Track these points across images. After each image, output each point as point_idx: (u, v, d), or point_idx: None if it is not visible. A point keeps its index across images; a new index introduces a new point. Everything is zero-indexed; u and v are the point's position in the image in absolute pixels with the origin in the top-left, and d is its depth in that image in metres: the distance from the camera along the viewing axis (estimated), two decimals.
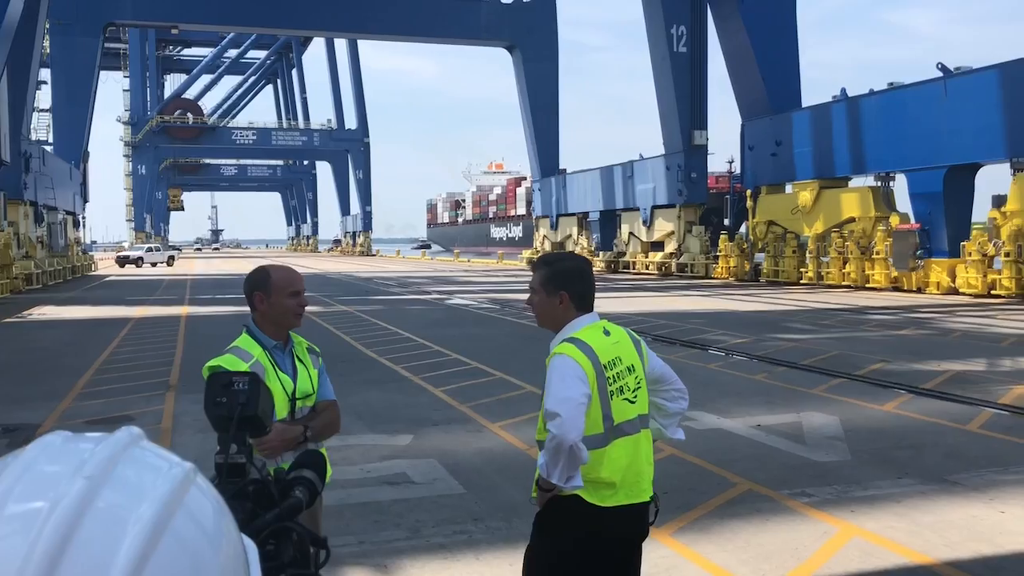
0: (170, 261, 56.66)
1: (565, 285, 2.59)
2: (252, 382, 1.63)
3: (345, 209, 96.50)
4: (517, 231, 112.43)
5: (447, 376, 10.56)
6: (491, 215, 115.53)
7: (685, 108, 35.25)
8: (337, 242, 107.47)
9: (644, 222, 38.95)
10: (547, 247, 50.31)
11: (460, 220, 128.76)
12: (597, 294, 2.71)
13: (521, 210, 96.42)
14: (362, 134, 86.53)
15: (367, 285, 32.68)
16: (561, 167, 49.55)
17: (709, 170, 37.89)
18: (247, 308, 2.83)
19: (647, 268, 38.76)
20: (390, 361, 12.15)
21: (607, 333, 2.58)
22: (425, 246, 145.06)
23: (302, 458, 1.51)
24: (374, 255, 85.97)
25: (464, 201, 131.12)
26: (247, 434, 1.54)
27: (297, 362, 2.74)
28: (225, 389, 1.60)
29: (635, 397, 2.57)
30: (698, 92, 35.27)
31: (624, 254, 41.13)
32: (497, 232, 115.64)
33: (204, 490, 0.76)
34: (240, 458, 1.41)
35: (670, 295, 26.00)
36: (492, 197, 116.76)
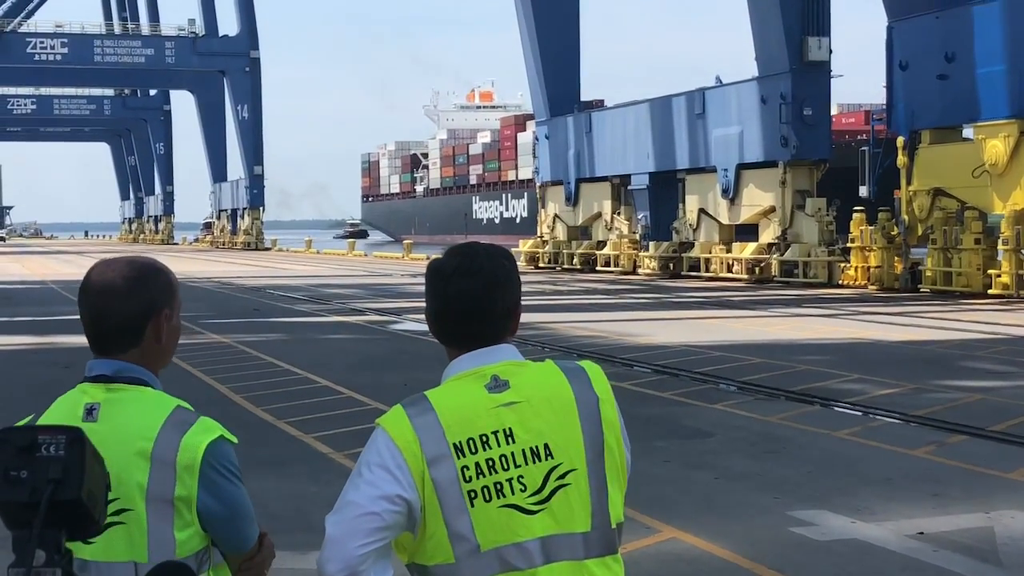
0: None
1: (429, 304, 2.62)
2: (72, 444, 1.62)
3: (219, 172, 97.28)
4: (519, 208, 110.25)
5: None
6: (474, 181, 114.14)
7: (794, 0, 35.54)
8: (208, 226, 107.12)
9: (725, 192, 39.20)
10: (560, 235, 50.69)
11: (420, 189, 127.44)
12: (643, 314, 2.71)
13: (527, 171, 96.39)
14: (247, 44, 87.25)
15: (256, 299, 32.77)
16: (585, 100, 50.03)
17: (834, 103, 37.95)
18: (49, 338, 2.85)
19: (730, 269, 38.97)
20: (296, 428, 12.21)
21: (497, 386, 2.52)
22: (358, 234, 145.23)
23: (159, 574, 1.47)
24: (268, 249, 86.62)
25: (427, 156, 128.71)
26: (63, 533, 1.53)
27: None
28: (24, 457, 1.59)
29: (539, 503, 2.49)
30: None
31: (691, 246, 41.37)
32: (485, 209, 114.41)
33: None
34: (52, 573, 1.37)
35: (769, 315, 26.16)
36: (476, 149, 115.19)
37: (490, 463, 2.47)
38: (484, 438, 2.48)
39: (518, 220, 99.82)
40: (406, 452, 2.45)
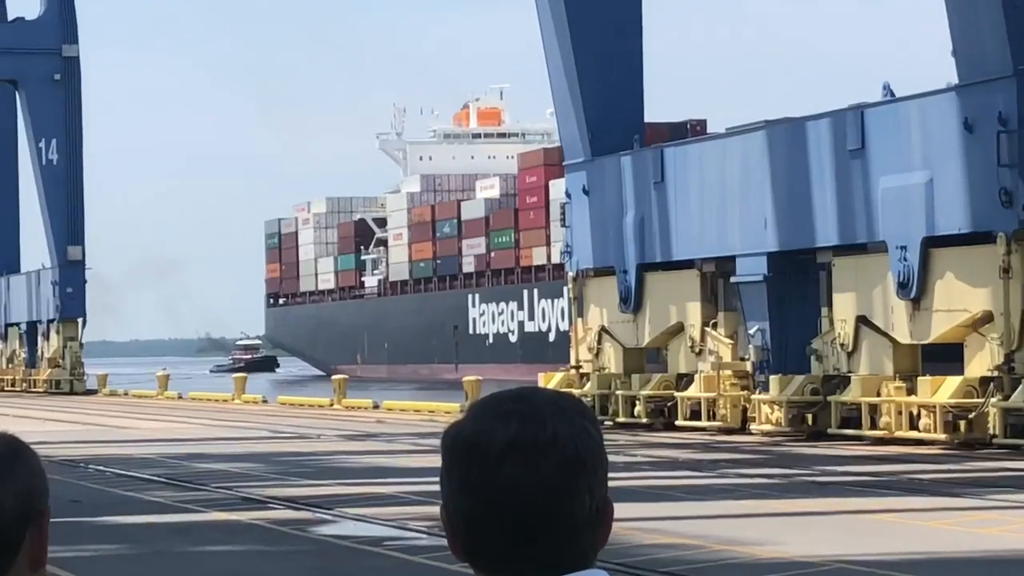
0: None
1: (454, 502, 2.67)
2: None
3: (6, 258, 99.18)
4: (553, 314, 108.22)
5: None
6: (471, 266, 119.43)
7: None
8: None
9: (903, 287, 39.19)
10: (611, 363, 50.59)
11: (373, 282, 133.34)
12: (762, 504, 2.69)
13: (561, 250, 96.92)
14: (58, 35, 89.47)
15: (75, 483, 32.59)
16: (653, 122, 51.26)
17: None
18: None
19: (915, 423, 38.75)
20: None
21: None
22: (259, 364, 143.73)
23: None
24: (92, 391, 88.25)
25: (384, 223, 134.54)
26: None
27: None
28: None
29: None
30: None
31: (845, 382, 41.23)
32: (491, 318, 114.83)
33: None
34: None
35: (989, 505, 26.10)
36: (474, 211, 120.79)
37: None
38: None
39: (552, 337, 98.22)
40: None
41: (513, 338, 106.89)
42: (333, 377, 75.56)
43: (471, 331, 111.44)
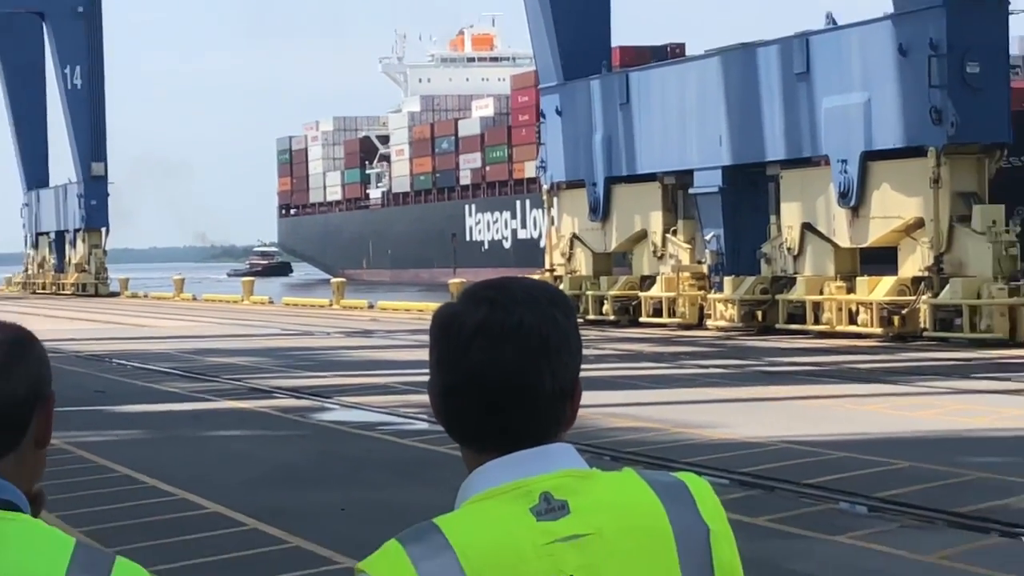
0: None
1: (434, 378, 2.68)
2: None
3: (36, 174, 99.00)
4: (543, 222, 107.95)
5: None
6: (468, 179, 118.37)
7: None
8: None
9: (844, 196, 39.27)
10: (582, 267, 50.97)
11: (377, 194, 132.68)
12: (716, 391, 2.65)
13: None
14: None
15: (99, 375, 33.03)
16: (624, 45, 50.39)
17: (1015, 54, 37.59)
18: None
19: (854, 319, 38.92)
20: None
21: (551, 510, 2.55)
22: (275, 268, 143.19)
23: None
24: (115, 294, 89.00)
25: (387, 140, 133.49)
26: None
27: None
28: None
29: None
30: None
31: (791, 282, 41.34)
32: (486, 226, 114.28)
33: None
34: None
35: (917, 391, 26.27)
36: (470, 128, 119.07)
37: None
38: None
39: (542, 243, 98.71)
40: None
41: (507, 244, 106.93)
42: (332, 280, 75.77)
43: (468, 238, 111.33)
